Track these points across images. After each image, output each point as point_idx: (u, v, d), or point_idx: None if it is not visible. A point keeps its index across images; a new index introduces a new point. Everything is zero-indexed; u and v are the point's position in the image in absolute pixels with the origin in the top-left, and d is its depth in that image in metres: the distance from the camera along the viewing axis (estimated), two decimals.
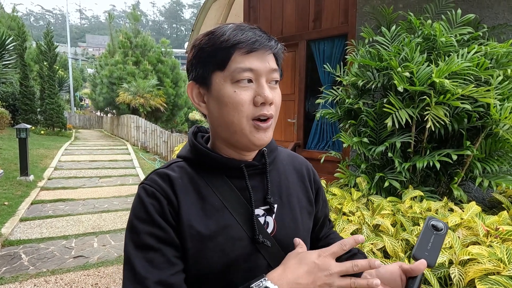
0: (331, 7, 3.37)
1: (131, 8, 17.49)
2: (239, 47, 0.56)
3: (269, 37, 0.59)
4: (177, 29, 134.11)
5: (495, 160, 1.85)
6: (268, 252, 0.61)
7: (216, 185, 0.61)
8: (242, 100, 0.56)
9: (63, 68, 22.56)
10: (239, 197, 0.61)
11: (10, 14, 17.27)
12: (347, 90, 2.44)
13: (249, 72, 0.56)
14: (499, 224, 1.38)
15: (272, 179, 0.66)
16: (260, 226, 0.61)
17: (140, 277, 0.52)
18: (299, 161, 0.75)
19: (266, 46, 0.57)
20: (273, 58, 0.60)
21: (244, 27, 0.58)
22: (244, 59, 0.56)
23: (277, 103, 0.61)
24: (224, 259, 0.58)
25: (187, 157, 0.65)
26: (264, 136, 0.59)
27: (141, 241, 0.55)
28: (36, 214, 4.32)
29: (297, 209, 0.67)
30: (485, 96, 1.64)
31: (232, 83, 0.57)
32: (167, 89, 16.04)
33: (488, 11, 2.39)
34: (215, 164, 0.62)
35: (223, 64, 0.57)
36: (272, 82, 0.60)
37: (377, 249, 1.35)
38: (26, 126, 5.59)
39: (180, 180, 0.60)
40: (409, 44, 1.94)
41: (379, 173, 1.96)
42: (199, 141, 0.65)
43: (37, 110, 13.39)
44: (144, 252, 0.54)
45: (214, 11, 4.82)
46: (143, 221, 0.56)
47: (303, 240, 0.65)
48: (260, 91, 0.57)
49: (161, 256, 0.54)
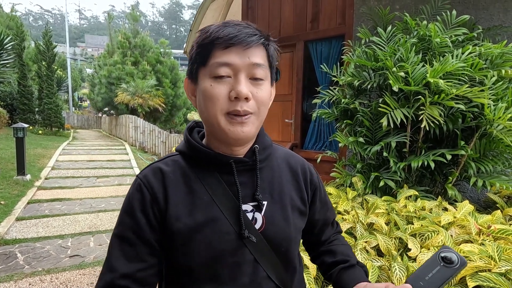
0: (329, 8, 3.39)
1: (131, 9, 17.51)
2: (217, 42, 0.57)
3: (254, 33, 0.58)
4: (176, 30, 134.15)
5: (490, 160, 1.86)
6: (255, 247, 0.61)
7: (206, 179, 0.63)
8: (217, 94, 0.57)
9: (61, 68, 22.53)
10: (227, 192, 0.62)
11: (8, 14, 17.25)
12: (343, 90, 2.45)
13: (225, 67, 0.57)
14: (492, 223, 1.39)
15: (264, 176, 0.66)
16: (247, 222, 0.62)
17: (111, 266, 0.59)
18: (295, 160, 0.74)
19: (243, 42, 0.56)
20: (260, 54, 0.59)
21: (229, 23, 0.58)
22: (222, 54, 0.57)
23: (260, 99, 0.59)
24: (210, 252, 0.58)
25: (182, 151, 0.67)
26: (241, 130, 0.59)
27: (120, 232, 0.61)
28: (32, 214, 4.30)
29: (288, 207, 0.67)
30: (479, 97, 1.65)
31: (210, 77, 0.58)
32: (166, 89, 16.04)
33: (483, 12, 2.41)
34: (206, 159, 0.63)
35: (205, 60, 0.58)
36: (255, 79, 0.59)
37: (371, 247, 1.36)
38: (23, 126, 5.58)
39: (172, 174, 0.63)
40: (404, 44, 1.96)
41: (374, 173, 1.97)
42: (193, 136, 0.67)
43: (35, 109, 13.35)
44: (121, 243, 0.60)
45: (212, 11, 4.83)
46: (127, 214, 0.61)
47: (293, 239, 0.66)
48: (235, 86, 0.57)
49: (134, 250, 0.59)
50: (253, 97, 0.59)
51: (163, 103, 15.43)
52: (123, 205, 0.62)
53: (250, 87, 0.58)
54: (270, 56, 0.62)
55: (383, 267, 1.25)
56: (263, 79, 0.60)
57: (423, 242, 1.31)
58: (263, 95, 0.60)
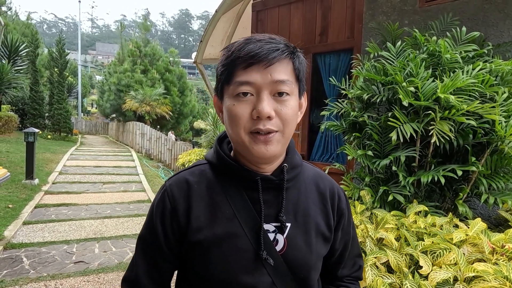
0: (338, 22, 3.43)
1: (142, 19, 17.97)
2: (238, 62, 0.56)
3: (277, 48, 0.56)
4: (185, 39, 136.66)
5: (501, 177, 1.84)
6: (274, 270, 0.59)
7: (230, 194, 0.62)
8: (239, 114, 0.57)
9: (72, 75, 23.04)
10: (250, 209, 0.61)
11: (24, 22, 17.83)
12: (352, 103, 2.46)
13: (246, 85, 0.56)
14: (506, 242, 1.36)
15: (290, 196, 0.64)
16: (267, 242, 0.60)
17: (134, 262, 0.67)
18: (325, 183, 0.70)
19: (264, 59, 0.55)
20: (283, 70, 0.57)
21: (251, 40, 0.58)
22: (244, 73, 0.56)
23: (284, 116, 0.57)
24: (227, 267, 0.58)
25: (211, 161, 0.67)
26: (265, 149, 0.57)
27: (142, 234, 0.67)
28: (39, 218, 4.34)
29: (312, 232, 0.64)
30: (490, 113, 1.64)
31: (232, 96, 0.58)
32: (174, 97, 16.25)
33: (493, 29, 2.42)
34: (232, 173, 0.63)
35: (228, 79, 0.58)
36: (278, 94, 0.57)
37: (381, 263, 1.34)
38: (34, 130, 5.68)
39: (197, 185, 0.64)
40: (414, 59, 1.97)
41: (383, 187, 1.95)
42: (222, 147, 0.66)
43: (45, 115, 13.62)
44: (143, 243, 0.67)
45: (223, 23, 4.93)
46: (149, 219, 0.66)
47: (314, 266, 0.63)
48: (257, 105, 0.56)
49: (150, 252, 0.66)
50: (277, 115, 0.57)
51: (170, 111, 15.62)
52: (149, 209, 0.67)
53: (274, 105, 0.57)
54: (296, 69, 0.59)
55: (393, 284, 1.23)
56: (289, 94, 0.58)
57: (434, 260, 1.28)
58: (288, 112, 0.58)
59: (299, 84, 0.61)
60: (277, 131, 0.58)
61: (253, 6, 4.19)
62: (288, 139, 0.61)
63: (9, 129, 10.55)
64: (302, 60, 0.61)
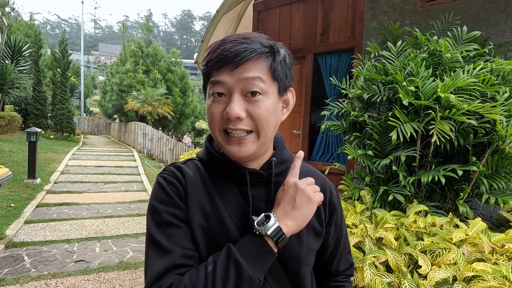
0: (339, 22, 3.43)
1: (144, 19, 18.03)
2: (211, 64, 0.58)
3: (249, 48, 0.55)
4: (187, 40, 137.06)
5: (502, 177, 1.82)
6: None
7: (221, 188, 0.63)
8: (213, 113, 0.59)
9: (75, 75, 23.18)
10: (241, 202, 0.62)
11: (27, 22, 17.95)
12: (352, 103, 2.46)
13: (219, 86, 0.57)
14: (506, 242, 1.35)
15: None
16: None
17: (166, 249, 0.57)
18: (316, 178, 0.69)
19: (231, 62, 0.55)
20: (256, 68, 0.56)
21: (225, 41, 0.58)
22: (217, 73, 0.57)
23: (256, 116, 0.57)
24: None
25: (201, 158, 0.68)
26: (238, 150, 0.58)
27: (162, 219, 0.59)
28: (40, 217, 4.36)
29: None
30: (491, 112, 1.63)
31: (209, 96, 0.60)
32: (175, 98, 16.30)
33: (494, 28, 2.41)
34: (223, 168, 0.64)
35: (207, 79, 0.61)
36: (250, 94, 0.56)
37: (380, 262, 1.34)
38: (36, 130, 5.70)
39: (192, 174, 0.64)
40: (414, 59, 1.96)
41: (383, 187, 1.94)
42: (212, 144, 0.68)
43: (48, 115, 13.69)
44: (166, 229, 0.59)
45: (224, 23, 4.94)
46: (164, 202, 0.60)
47: (305, 260, 0.64)
48: (227, 105, 0.57)
49: (182, 232, 0.59)
50: (249, 115, 0.57)
51: (172, 111, 15.66)
52: (153, 199, 0.62)
53: (245, 105, 0.57)
54: (271, 68, 0.58)
55: (392, 284, 1.22)
56: (262, 94, 0.57)
57: (434, 259, 1.28)
58: (261, 112, 0.57)
59: (278, 83, 0.60)
60: (251, 131, 0.58)
61: (254, 6, 4.20)
62: (267, 138, 0.61)
63: (12, 129, 10.61)
64: (282, 58, 0.61)
